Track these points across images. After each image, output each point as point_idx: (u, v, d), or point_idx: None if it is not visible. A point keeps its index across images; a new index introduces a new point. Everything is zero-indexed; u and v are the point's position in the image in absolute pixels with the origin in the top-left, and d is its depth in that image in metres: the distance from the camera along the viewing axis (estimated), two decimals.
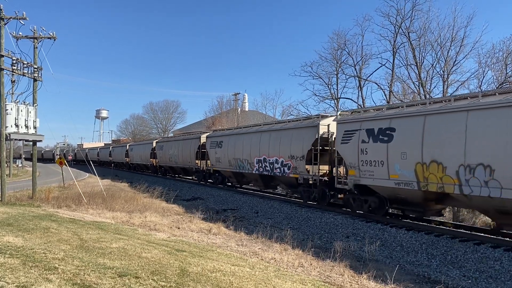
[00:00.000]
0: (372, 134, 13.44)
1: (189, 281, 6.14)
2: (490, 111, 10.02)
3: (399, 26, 29.57)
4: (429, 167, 11.48)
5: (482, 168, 10.11)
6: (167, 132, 79.62)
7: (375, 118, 13.55)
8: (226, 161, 24.30)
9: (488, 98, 10.45)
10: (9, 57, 17.63)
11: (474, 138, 10.22)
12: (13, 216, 11.94)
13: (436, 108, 11.55)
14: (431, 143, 11.37)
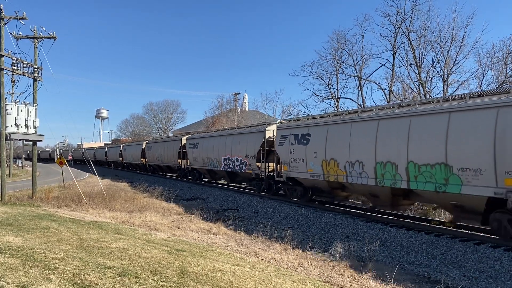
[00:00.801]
0: (297, 138, 17.48)
1: (189, 281, 6.14)
2: (362, 123, 14.07)
3: (399, 26, 29.54)
4: (329, 163, 15.50)
5: (358, 163, 14.07)
6: (167, 132, 79.64)
7: (299, 126, 17.62)
8: (201, 160, 28.27)
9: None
10: (9, 57, 17.64)
11: (354, 142, 14.24)
12: (13, 216, 11.94)
13: (334, 120, 15.78)
14: (331, 145, 15.40)
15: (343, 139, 14.73)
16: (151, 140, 47.08)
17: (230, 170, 24.04)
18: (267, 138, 20.52)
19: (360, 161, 13.94)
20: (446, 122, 11.12)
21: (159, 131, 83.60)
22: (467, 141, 10.54)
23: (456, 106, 11.09)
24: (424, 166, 11.65)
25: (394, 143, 12.62)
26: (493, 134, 10.02)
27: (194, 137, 30.82)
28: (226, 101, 59.85)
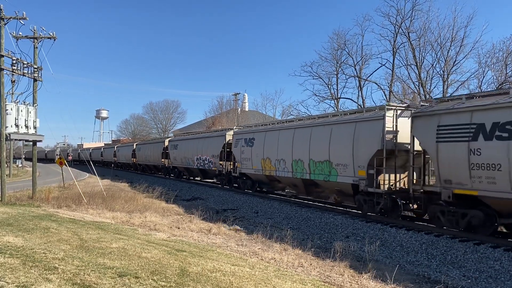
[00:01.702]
0: (246, 142, 22.21)
1: (189, 281, 6.14)
2: (285, 131, 18.84)
3: (399, 26, 29.60)
4: (265, 161, 20.10)
5: (282, 161, 18.68)
6: (167, 132, 79.64)
7: (247, 132, 22.57)
8: (180, 160, 32.62)
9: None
10: (9, 57, 17.64)
11: (280, 145, 18.89)
12: (13, 216, 11.95)
13: (269, 128, 20.82)
14: (267, 147, 20.03)
15: (274, 142, 19.48)
16: (140, 142, 51.60)
17: (201, 167, 28.65)
18: (227, 141, 24.94)
19: (283, 159, 18.64)
20: (329, 132, 15.80)
21: (159, 131, 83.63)
22: (340, 145, 15.17)
23: (335, 121, 15.94)
24: (318, 162, 16.32)
25: (302, 146, 17.26)
26: (352, 140, 14.52)
27: (175, 139, 35.21)
28: (226, 101, 59.96)
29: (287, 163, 18.32)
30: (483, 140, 10.30)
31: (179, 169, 33.97)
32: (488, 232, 10.97)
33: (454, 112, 11.20)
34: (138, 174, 43.88)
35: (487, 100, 10.71)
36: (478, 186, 10.42)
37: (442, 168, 11.40)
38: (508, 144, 9.73)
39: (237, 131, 24.27)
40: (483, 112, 10.45)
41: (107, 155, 61.61)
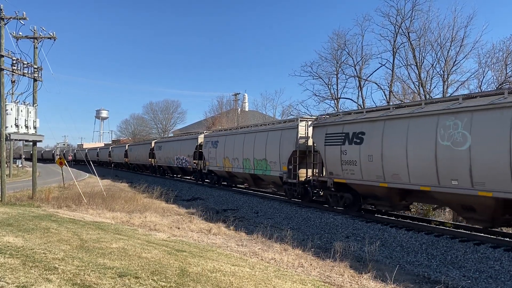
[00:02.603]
0: (213, 143, 26.42)
1: (189, 281, 6.14)
2: (238, 135, 23.16)
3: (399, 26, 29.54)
4: (225, 159, 24.25)
5: (236, 159, 22.91)
6: (167, 132, 79.60)
7: (213, 135, 27.02)
8: (164, 159, 36.76)
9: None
10: (9, 57, 17.64)
11: (236, 146, 23.06)
12: (13, 216, 11.94)
13: (229, 132, 25.26)
14: (227, 148, 24.14)
15: (231, 145, 23.69)
16: (131, 143, 57.07)
17: (180, 166, 32.84)
18: (199, 143, 29.07)
19: (237, 158, 22.81)
20: (266, 137, 20.21)
21: (159, 131, 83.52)
22: (272, 147, 19.48)
23: (270, 128, 20.50)
24: (259, 160, 20.59)
25: (249, 147, 21.63)
26: (279, 143, 18.91)
27: (159, 141, 40.03)
28: (226, 101, 59.88)
29: (239, 161, 22.70)
30: (348, 144, 14.57)
31: (163, 167, 38.41)
32: (356, 208, 15.41)
33: (334, 124, 15.50)
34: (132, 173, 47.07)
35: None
36: (346, 176, 14.77)
37: (328, 164, 15.72)
38: (359, 147, 14.00)
39: (207, 134, 29.16)
40: (348, 125, 14.72)
41: (103, 155, 64.57)
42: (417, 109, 12.32)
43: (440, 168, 11.14)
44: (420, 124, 11.87)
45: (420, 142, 11.73)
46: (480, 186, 10.20)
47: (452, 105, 11.18)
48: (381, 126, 13.20)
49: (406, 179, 12.25)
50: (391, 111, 13.37)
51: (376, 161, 13.24)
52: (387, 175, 12.86)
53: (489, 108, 10.10)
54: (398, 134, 12.48)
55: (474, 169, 10.30)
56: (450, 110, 11.04)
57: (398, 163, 12.42)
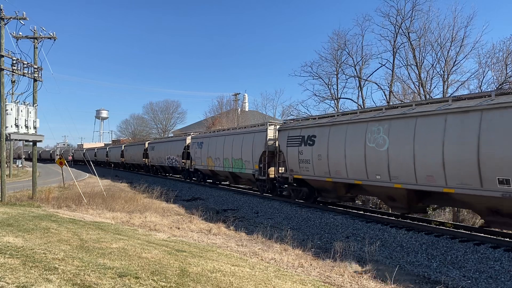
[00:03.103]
0: (198, 145, 28.81)
1: (189, 281, 6.14)
2: (220, 137, 25.38)
3: (399, 26, 29.56)
4: (209, 159, 26.71)
5: (218, 159, 25.20)
6: (167, 132, 79.57)
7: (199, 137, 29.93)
8: (156, 159, 39.26)
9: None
10: (9, 57, 17.64)
11: (217, 147, 25.37)
12: (13, 217, 11.94)
13: (212, 134, 27.92)
14: (210, 149, 26.47)
15: (214, 145, 26.15)
16: (127, 143, 60.16)
17: (170, 165, 35.43)
18: (187, 144, 31.61)
19: (219, 158, 25.22)
20: (242, 138, 22.62)
21: (159, 131, 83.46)
22: (246, 147, 21.88)
23: (244, 131, 22.96)
24: (236, 159, 22.99)
25: (228, 148, 24.03)
26: (252, 145, 21.29)
27: (152, 142, 42.79)
28: (226, 101, 59.82)
29: (221, 160, 25.06)
30: (303, 146, 16.97)
31: (156, 167, 40.97)
32: (311, 200, 18.07)
33: (294, 129, 17.97)
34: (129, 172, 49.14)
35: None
36: (302, 173, 17.20)
37: (289, 163, 18.18)
38: (312, 148, 16.48)
39: (193, 136, 31.47)
40: (305, 129, 17.16)
41: (100, 155, 66.77)
42: (353, 117, 14.67)
43: (368, 165, 13.59)
44: (354, 129, 14.30)
45: (354, 144, 14.15)
46: (395, 180, 12.57)
47: (377, 114, 13.47)
48: (327, 131, 15.76)
49: (345, 175, 14.81)
50: (335, 118, 15.85)
51: (324, 159, 15.79)
52: (332, 171, 15.48)
53: (400, 117, 12.45)
54: (339, 138, 14.95)
55: (391, 166, 12.69)
56: (375, 118, 13.39)
57: (340, 162, 14.93)
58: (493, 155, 9.82)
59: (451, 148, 10.81)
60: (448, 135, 10.92)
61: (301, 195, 18.36)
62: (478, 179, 10.17)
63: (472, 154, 10.22)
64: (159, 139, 44.06)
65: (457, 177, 10.72)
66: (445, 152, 10.94)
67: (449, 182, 10.93)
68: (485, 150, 9.97)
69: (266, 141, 20.18)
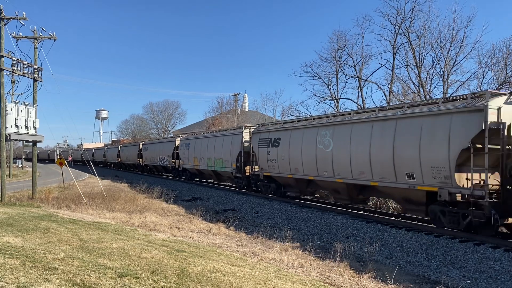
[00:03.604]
0: (186, 145, 31.50)
1: (189, 281, 6.14)
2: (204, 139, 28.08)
3: (399, 27, 29.55)
4: (195, 158, 29.05)
5: (202, 158, 27.66)
6: (167, 133, 79.59)
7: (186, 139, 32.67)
8: (149, 159, 42.01)
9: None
10: (9, 58, 17.65)
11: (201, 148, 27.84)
12: (13, 217, 11.94)
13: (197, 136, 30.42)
14: (196, 149, 28.87)
15: (199, 146, 28.68)
16: (123, 144, 63.48)
17: (162, 165, 38.18)
18: (176, 145, 33.93)
19: (203, 157, 27.73)
20: (222, 140, 25.01)
21: (159, 131, 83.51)
22: (225, 148, 24.30)
23: (224, 134, 25.59)
24: (218, 159, 25.46)
25: (211, 149, 26.56)
26: (230, 146, 23.74)
27: (146, 143, 45.63)
28: (226, 101, 59.88)
29: (205, 160, 27.49)
30: (271, 147, 19.45)
31: (149, 166, 43.27)
32: (279, 194, 20.16)
33: (264, 132, 20.52)
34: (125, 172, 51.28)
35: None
36: (270, 170, 19.68)
37: (260, 162, 20.73)
38: (277, 149, 18.88)
39: (182, 138, 34.07)
40: (271, 133, 19.71)
41: (98, 156, 69.44)
42: (308, 123, 17.40)
43: (318, 163, 16.09)
44: (308, 133, 16.80)
45: (308, 145, 16.57)
46: (337, 175, 15.10)
47: (326, 121, 16.25)
48: (289, 134, 18.23)
49: (302, 172, 17.29)
50: (295, 123, 18.44)
51: (286, 159, 18.23)
52: (292, 169, 17.96)
53: (341, 124, 15.07)
54: (298, 140, 17.39)
55: (334, 164, 15.20)
56: (324, 124, 16.07)
57: (298, 160, 17.35)
58: (403, 155, 12.21)
59: (375, 149, 13.22)
60: (373, 139, 13.34)
61: (270, 190, 20.75)
62: (393, 175, 12.62)
63: (389, 155, 12.61)
64: (152, 141, 46.83)
65: (380, 173, 13.16)
66: (371, 153, 13.38)
67: (374, 177, 13.43)
68: (398, 152, 12.37)
69: (242, 142, 22.61)
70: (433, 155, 11.30)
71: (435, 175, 11.28)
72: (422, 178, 11.66)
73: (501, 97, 10.63)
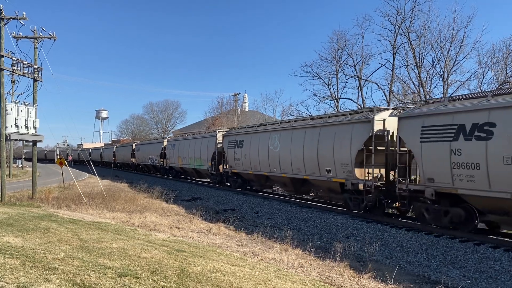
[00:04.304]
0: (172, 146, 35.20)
1: (189, 281, 6.14)
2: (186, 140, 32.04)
3: (399, 26, 29.60)
4: (179, 158, 32.55)
5: (185, 157, 31.45)
6: (167, 132, 79.58)
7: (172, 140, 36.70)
8: (141, 158, 45.46)
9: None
10: (9, 57, 17.64)
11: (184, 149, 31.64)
12: (13, 217, 11.94)
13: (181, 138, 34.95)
14: (180, 150, 32.46)
15: (182, 147, 32.07)
16: (118, 145, 67.46)
17: (152, 164, 41.63)
18: (164, 146, 37.03)
19: (186, 157, 31.06)
20: (200, 142, 28.58)
21: (159, 131, 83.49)
22: (203, 149, 27.65)
23: (202, 136, 28.96)
24: (197, 158, 28.93)
25: (192, 149, 29.87)
26: (207, 146, 27.18)
27: (138, 144, 49.51)
28: (226, 101, 59.85)
29: (187, 159, 31.00)
30: (237, 148, 23.10)
31: (141, 165, 46.75)
32: (244, 188, 23.94)
33: (232, 135, 24.19)
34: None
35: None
36: (237, 168, 23.37)
37: (229, 160, 24.25)
38: (242, 150, 22.45)
39: (169, 139, 38.12)
40: (238, 136, 23.33)
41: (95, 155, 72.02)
42: (264, 128, 21.32)
43: (270, 162, 19.70)
44: (263, 136, 20.50)
45: (263, 147, 20.30)
46: (283, 171, 18.75)
47: (276, 127, 20.10)
48: (250, 137, 22.02)
49: (259, 169, 21.03)
50: (255, 128, 22.39)
51: (248, 158, 21.82)
52: (253, 166, 21.58)
53: (285, 129, 18.83)
54: (255, 142, 21.21)
55: (281, 162, 18.82)
56: (275, 129, 19.84)
57: (256, 159, 21.02)
58: (323, 155, 15.86)
59: (307, 150, 16.84)
60: (305, 142, 16.97)
61: (237, 184, 24.21)
62: (318, 170, 16.25)
63: (315, 154, 16.28)
64: (143, 141, 51.19)
65: (310, 168, 16.75)
66: (304, 153, 16.99)
67: (307, 172, 17.01)
68: (320, 152, 16.03)
69: (216, 144, 26.02)
70: (342, 155, 14.86)
71: (343, 170, 14.88)
72: (336, 172, 15.28)
73: (387, 111, 14.09)
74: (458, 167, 10.62)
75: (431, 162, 11.44)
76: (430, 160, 11.47)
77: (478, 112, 10.26)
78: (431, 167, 11.48)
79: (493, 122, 9.87)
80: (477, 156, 10.12)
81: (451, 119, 10.85)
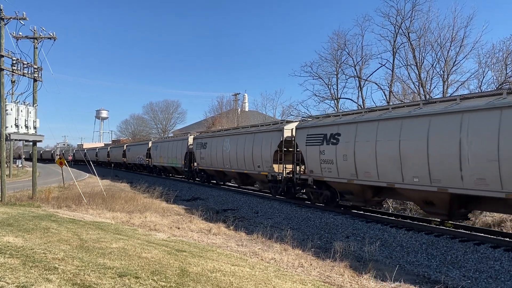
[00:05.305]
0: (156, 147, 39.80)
1: (189, 281, 6.14)
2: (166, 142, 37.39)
3: (399, 26, 29.59)
4: (161, 157, 37.51)
5: (166, 157, 36.09)
6: (167, 132, 79.54)
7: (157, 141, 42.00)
8: (131, 158, 49.94)
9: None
10: (9, 57, 17.63)
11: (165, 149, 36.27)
12: (13, 216, 11.94)
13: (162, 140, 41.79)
14: (162, 150, 37.34)
15: (164, 148, 36.25)
16: (113, 145, 73.39)
17: (139, 163, 46.15)
18: (149, 147, 41.93)
19: (165, 156, 35.42)
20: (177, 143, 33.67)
21: (159, 131, 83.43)
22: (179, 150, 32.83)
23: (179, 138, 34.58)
24: (173, 158, 33.85)
25: (170, 150, 34.61)
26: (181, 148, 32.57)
27: (129, 145, 55.19)
28: (226, 101, 59.78)
29: (167, 158, 35.30)
30: (202, 149, 27.59)
31: (131, 164, 51.04)
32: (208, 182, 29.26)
33: (199, 138, 28.91)
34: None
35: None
36: (202, 165, 28.19)
37: (197, 159, 29.04)
38: (205, 150, 27.20)
39: (153, 141, 43.24)
40: (203, 139, 28.06)
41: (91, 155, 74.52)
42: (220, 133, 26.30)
43: (224, 160, 24.22)
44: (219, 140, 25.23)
45: (219, 148, 24.78)
46: (233, 167, 23.51)
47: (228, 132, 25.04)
48: (211, 140, 26.63)
49: (217, 166, 25.55)
50: (215, 133, 27.25)
51: (209, 157, 26.48)
52: (213, 163, 26.14)
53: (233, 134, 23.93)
54: (214, 144, 25.77)
55: (231, 160, 23.52)
56: (228, 134, 24.68)
57: (215, 158, 25.53)
58: (256, 154, 20.84)
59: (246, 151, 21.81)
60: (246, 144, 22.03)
61: (203, 179, 29.31)
62: (252, 165, 21.18)
63: (251, 154, 21.32)
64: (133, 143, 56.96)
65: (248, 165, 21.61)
66: (244, 153, 21.95)
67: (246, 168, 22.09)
68: (254, 152, 21.06)
69: (188, 145, 31.06)
70: (265, 154, 20.01)
71: (266, 166, 20.03)
72: (263, 167, 20.38)
73: (295, 123, 18.99)
74: (323, 162, 15.70)
75: (311, 159, 16.47)
76: (310, 158, 16.48)
77: (333, 126, 15.37)
78: (311, 162, 16.52)
79: (339, 133, 14.91)
80: (332, 155, 15.16)
81: (321, 130, 15.93)
